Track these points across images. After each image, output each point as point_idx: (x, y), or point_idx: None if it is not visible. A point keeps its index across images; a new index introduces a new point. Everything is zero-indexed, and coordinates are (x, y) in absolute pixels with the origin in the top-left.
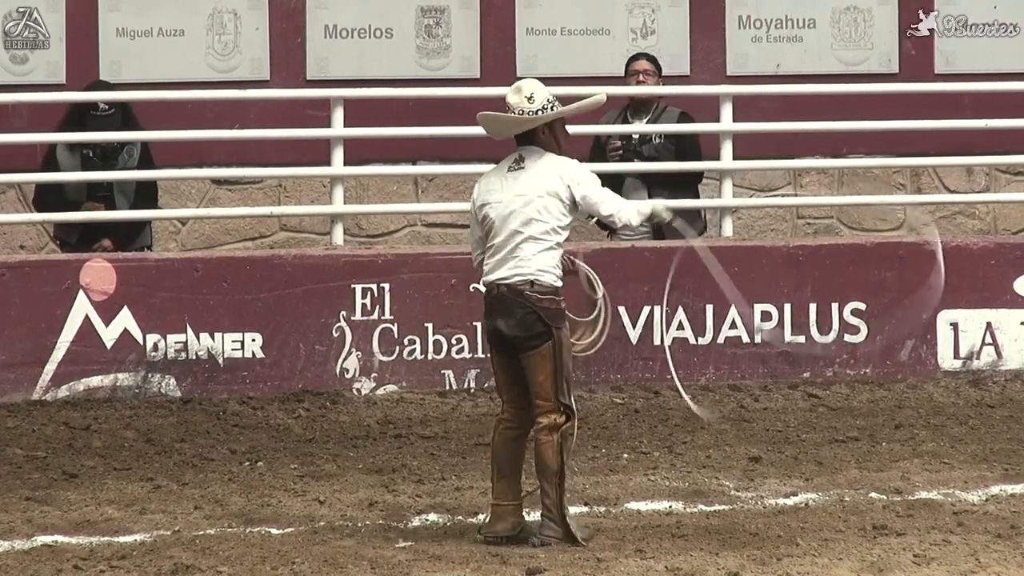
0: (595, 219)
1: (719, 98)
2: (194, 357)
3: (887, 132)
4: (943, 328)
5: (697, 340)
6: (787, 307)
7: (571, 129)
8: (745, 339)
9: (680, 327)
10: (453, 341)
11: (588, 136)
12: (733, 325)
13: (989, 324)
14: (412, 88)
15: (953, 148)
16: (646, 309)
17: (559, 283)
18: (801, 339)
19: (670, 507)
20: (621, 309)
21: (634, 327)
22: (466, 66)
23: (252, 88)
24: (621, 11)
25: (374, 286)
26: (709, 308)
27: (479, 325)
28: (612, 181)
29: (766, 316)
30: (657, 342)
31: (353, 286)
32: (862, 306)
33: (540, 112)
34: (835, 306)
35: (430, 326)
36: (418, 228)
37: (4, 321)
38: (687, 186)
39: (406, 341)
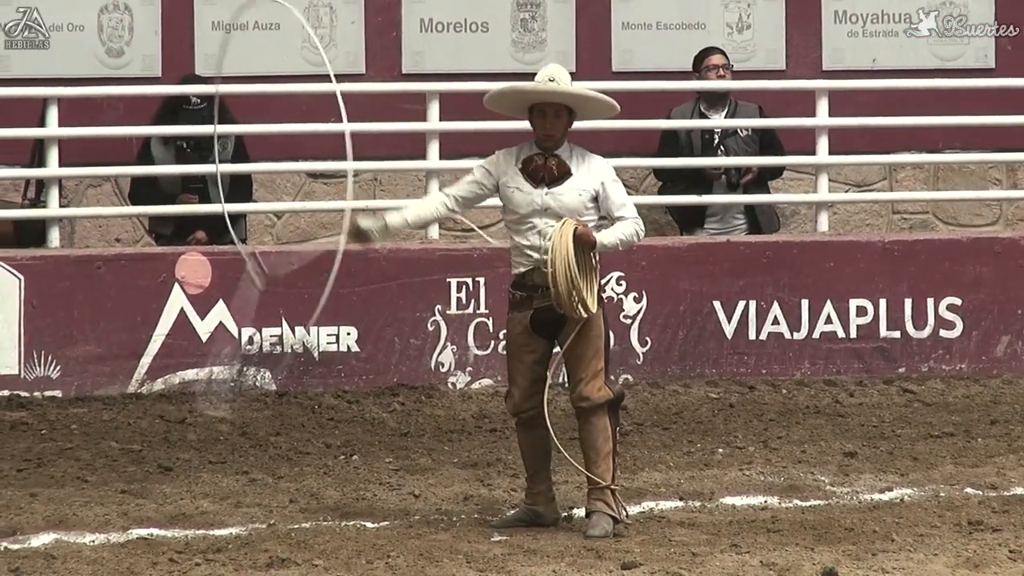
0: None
1: (815, 93)
2: (289, 350)
3: (983, 127)
4: None
5: (792, 335)
6: (882, 302)
7: (657, 121)
8: (840, 334)
9: (775, 322)
10: None
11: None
12: (828, 320)
13: None
14: (507, 82)
15: None
16: (740, 304)
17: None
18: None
19: (765, 502)
20: (716, 304)
21: (729, 322)
22: (562, 60)
23: (347, 82)
24: (717, 6)
25: (469, 280)
26: (804, 303)
27: None
28: (696, 175)
29: (861, 311)
30: (752, 336)
31: (448, 280)
32: (958, 301)
33: None
34: (931, 301)
35: None
36: None
37: (100, 314)
38: (766, 183)
39: (501, 335)
